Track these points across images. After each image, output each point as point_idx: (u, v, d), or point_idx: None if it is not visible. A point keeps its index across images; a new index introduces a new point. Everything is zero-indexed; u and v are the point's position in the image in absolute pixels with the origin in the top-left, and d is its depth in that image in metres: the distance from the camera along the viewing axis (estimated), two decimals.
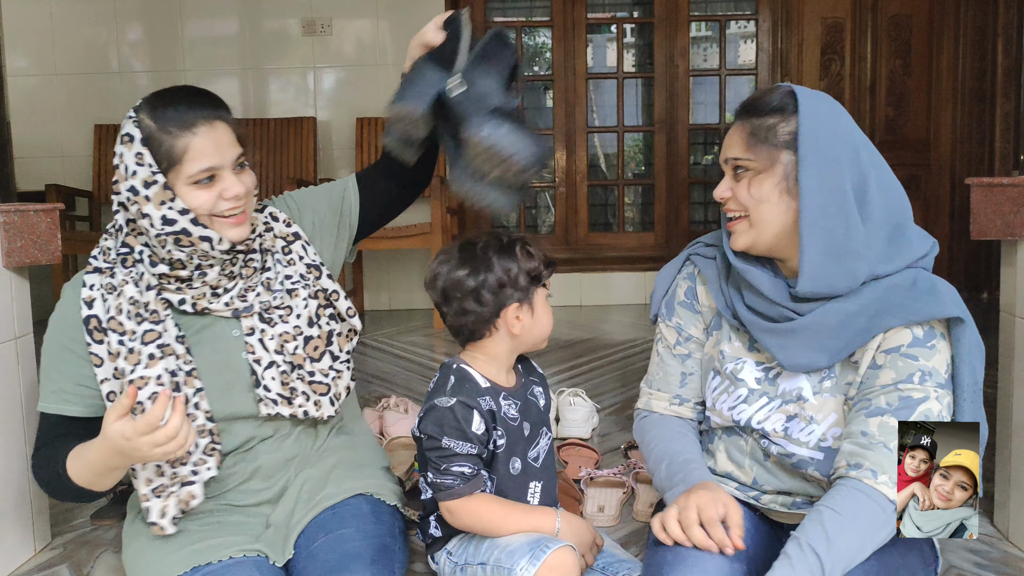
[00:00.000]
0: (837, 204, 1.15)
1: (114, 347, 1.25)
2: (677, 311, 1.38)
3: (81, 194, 4.37)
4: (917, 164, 4.75)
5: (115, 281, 1.28)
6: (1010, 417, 1.60)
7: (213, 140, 1.23)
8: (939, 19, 4.65)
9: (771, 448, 1.25)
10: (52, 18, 4.52)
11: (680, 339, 1.37)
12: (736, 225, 1.24)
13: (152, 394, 1.25)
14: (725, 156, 1.25)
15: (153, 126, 1.22)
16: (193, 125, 1.22)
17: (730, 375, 1.29)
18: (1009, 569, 1.51)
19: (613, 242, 5.00)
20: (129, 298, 1.27)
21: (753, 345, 1.29)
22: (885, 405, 1.13)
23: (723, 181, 1.26)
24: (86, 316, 1.26)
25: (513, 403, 1.37)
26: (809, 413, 1.21)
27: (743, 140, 1.21)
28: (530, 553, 1.22)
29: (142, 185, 1.22)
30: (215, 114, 1.24)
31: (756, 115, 1.21)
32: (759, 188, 1.20)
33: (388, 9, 4.54)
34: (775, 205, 1.19)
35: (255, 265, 1.35)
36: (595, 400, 2.57)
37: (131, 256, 1.29)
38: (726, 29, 4.93)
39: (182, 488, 1.26)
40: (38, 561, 1.64)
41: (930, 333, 1.15)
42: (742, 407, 1.27)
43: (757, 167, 1.20)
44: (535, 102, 5.41)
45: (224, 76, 4.59)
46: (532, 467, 1.39)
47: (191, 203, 1.23)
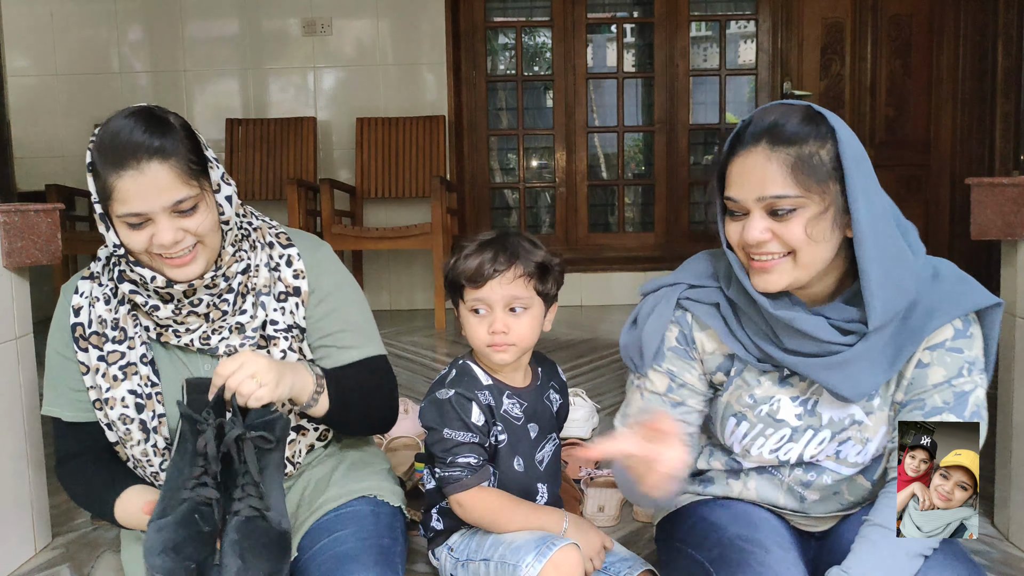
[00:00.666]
0: (884, 224, 1.08)
1: (93, 361, 1.26)
2: (668, 357, 1.23)
3: (81, 194, 4.36)
4: (917, 164, 4.75)
5: (97, 292, 1.28)
6: (1010, 417, 1.60)
7: (139, 184, 1.13)
8: (939, 19, 4.65)
9: (823, 478, 1.22)
10: (52, 18, 4.52)
11: (673, 385, 1.23)
12: (775, 264, 1.09)
13: (121, 415, 1.26)
14: (759, 194, 1.07)
15: (96, 154, 1.16)
16: (121, 166, 1.13)
17: (766, 418, 1.20)
18: (1009, 569, 1.51)
19: (613, 242, 5.00)
20: (98, 316, 1.27)
21: (785, 380, 1.20)
22: (942, 404, 1.12)
23: (754, 221, 1.08)
24: (73, 324, 1.27)
25: (518, 403, 1.37)
26: (866, 435, 1.19)
27: (787, 174, 1.05)
28: (536, 550, 1.22)
29: (96, 205, 1.20)
30: (150, 153, 1.13)
31: (791, 143, 1.06)
32: (818, 228, 1.06)
33: (388, 9, 4.54)
34: (828, 242, 1.08)
35: (225, 308, 1.28)
36: (595, 400, 2.57)
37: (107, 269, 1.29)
38: (726, 29, 4.93)
39: None
40: (38, 561, 1.64)
41: (967, 322, 1.14)
42: (788, 446, 1.20)
43: (810, 204, 1.06)
44: (535, 102, 5.41)
45: (224, 76, 4.60)
46: (536, 469, 1.40)
47: (124, 240, 1.19)
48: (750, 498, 1.27)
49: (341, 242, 3.87)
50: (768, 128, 1.08)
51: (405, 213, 4.57)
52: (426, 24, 4.55)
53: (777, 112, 1.10)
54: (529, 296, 1.32)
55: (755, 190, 1.08)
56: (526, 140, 5.11)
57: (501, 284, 1.30)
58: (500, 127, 5.21)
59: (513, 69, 5.17)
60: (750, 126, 1.11)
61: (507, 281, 1.30)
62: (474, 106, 4.88)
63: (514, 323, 1.31)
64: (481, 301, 1.32)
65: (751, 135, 1.09)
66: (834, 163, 1.07)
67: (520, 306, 1.31)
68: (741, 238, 1.11)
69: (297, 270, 1.34)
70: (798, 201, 1.06)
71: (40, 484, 1.69)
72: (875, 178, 1.10)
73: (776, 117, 1.09)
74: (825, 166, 1.06)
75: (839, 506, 1.25)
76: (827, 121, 1.08)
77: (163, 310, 1.24)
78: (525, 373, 1.42)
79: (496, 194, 5.17)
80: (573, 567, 1.23)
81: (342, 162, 4.58)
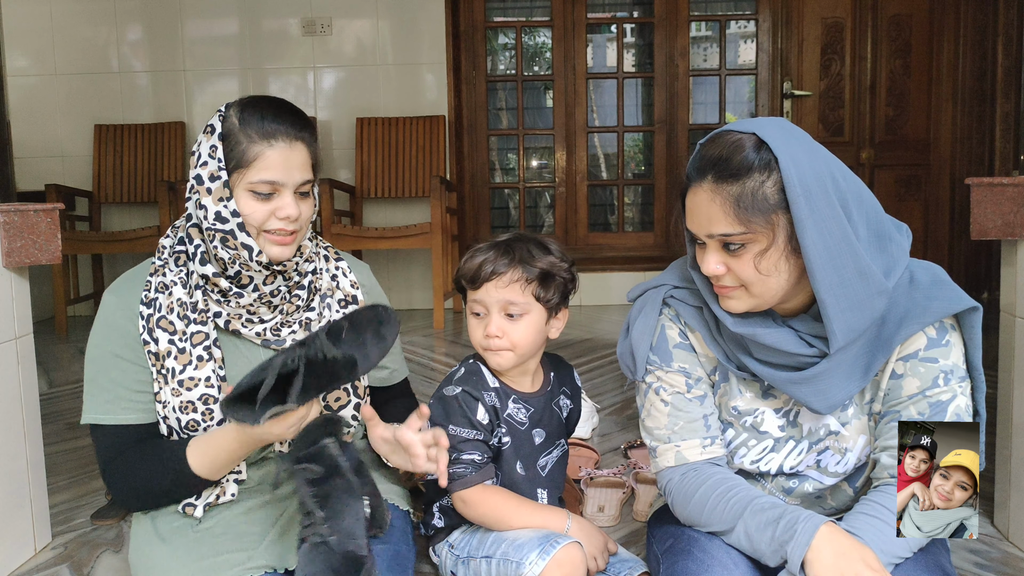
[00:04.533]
0: (842, 248, 1.04)
1: (164, 346, 1.26)
2: (676, 355, 1.23)
3: (81, 194, 4.37)
4: (917, 164, 4.75)
5: (166, 280, 1.30)
6: (1010, 417, 1.60)
7: (285, 158, 1.24)
8: (939, 19, 4.65)
9: (804, 486, 1.22)
10: (52, 18, 4.52)
11: (690, 381, 1.22)
12: (732, 291, 1.11)
13: (202, 395, 1.27)
14: (708, 231, 1.08)
15: (236, 125, 1.24)
16: (273, 137, 1.23)
17: (751, 428, 1.22)
18: (1009, 569, 1.51)
19: (613, 242, 5.00)
20: (177, 299, 1.28)
21: (767, 392, 1.21)
22: (917, 415, 1.11)
23: (709, 255, 1.09)
24: (147, 315, 1.28)
25: (523, 408, 1.37)
26: (843, 445, 1.19)
27: (729, 212, 1.05)
28: (539, 547, 1.22)
29: (208, 177, 1.24)
30: (298, 135, 1.25)
31: (733, 178, 1.05)
32: (767, 262, 1.06)
33: (388, 9, 4.54)
34: (781, 273, 1.08)
35: (299, 303, 1.35)
36: (595, 400, 2.57)
37: (184, 254, 1.30)
38: (726, 29, 4.93)
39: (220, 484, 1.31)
40: (38, 561, 1.64)
41: (942, 330, 1.12)
42: (770, 456, 1.21)
43: (757, 239, 1.06)
44: (535, 102, 5.41)
45: (224, 76, 4.60)
46: (538, 475, 1.40)
47: (243, 210, 1.24)
48: None
49: (340, 242, 3.87)
50: (713, 163, 1.07)
51: (404, 213, 4.57)
52: (426, 24, 4.55)
53: (722, 144, 1.08)
54: (526, 302, 1.31)
55: (704, 227, 1.09)
56: (526, 140, 5.11)
57: (496, 287, 1.30)
58: (500, 127, 5.21)
59: (513, 69, 5.17)
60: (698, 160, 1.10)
61: (502, 285, 1.30)
62: (474, 106, 4.88)
63: (510, 328, 1.31)
64: (478, 303, 1.32)
65: (697, 169, 1.09)
66: (781, 194, 1.04)
67: (516, 311, 1.31)
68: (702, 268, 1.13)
69: (352, 281, 1.45)
70: (745, 237, 1.06)
71: (40, 484, 1.69)
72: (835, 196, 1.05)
73: (720, 151, 1.07)
74: (769, 200, 1.04)
75: (821, 510, 1.25)
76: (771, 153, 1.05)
77: (246, 297, 1.30)
78: (534, 378, 1.41)
79: (496, 194, 5.17)
80: (576, 566, 1.23)
81: (342, 162, 4.59)
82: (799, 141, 1.07)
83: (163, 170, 4.47)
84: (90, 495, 1.97)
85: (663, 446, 1.23)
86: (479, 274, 1.30)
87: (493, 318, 1.31)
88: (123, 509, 1.82)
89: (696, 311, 1.21)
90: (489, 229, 4.98)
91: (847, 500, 1.24)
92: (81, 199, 4.43)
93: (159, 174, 4.45)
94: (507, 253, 1.31)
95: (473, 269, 1.30)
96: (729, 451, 1.24)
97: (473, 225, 4.91)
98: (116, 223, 4.56)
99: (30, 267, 1.64)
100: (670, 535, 1.23)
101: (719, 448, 1.23)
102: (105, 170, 4.47)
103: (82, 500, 1.94)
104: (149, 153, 4.49)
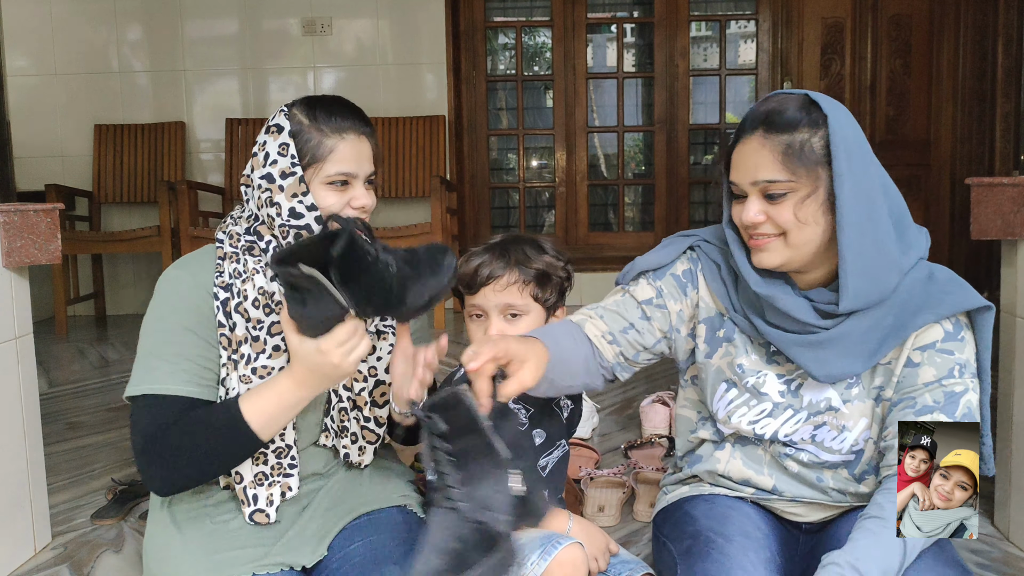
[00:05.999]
0: (873, 216, 1.12)
1: (240, 333, 1.25)
2: (667, 279, 1.29)
3: (81, 194, 4.37)
4: (917, 164, 4.75)
5: (242, 268, 1.28)
6: (1010, 417, 1.60)
7: (357, 150, 1.28)
8: (939, 19, 4.65)
9: (800, 455, 1.24)
10: (52, 18, 4.52)
11: (654, 302, 1.27)
12: (768, 243, 1.16)
13: None
14: (753, 178, 1.14)
15: (306, 122, 1.27)
16: (345, 131, 1.27)
17: (752, 389, 1.24)
18: (1009, 569, 1.51)
19: (613, 242, 5.00)
20: (259, 287, 1.27)
21: (772, 357, 1.25)
22: (932, 403, 1.14)
23: (750, 204, 1.15)
24: (223, 299, 1.26)
25: (523, 408, 1.37)
26: (841, 422, 1.21)
27: (777, 160, 1.12)
28: (541, 548, 1.22)
29: (279, 175, 1.25)
30: (365, 130, 1.30)
31: (783, 130, 1.12)
32: (805, 210, 1.12)
33: (388, 9, 4.54)
34: (818, 224, 1.13)
35: None
36: (595, 400, 2.57)
37: (257, 245, 1.30)
38: (726, 29, 4.93)
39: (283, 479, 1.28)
40: (38, 561, 1.64)
41: (958, 325, 1.17)
42: (766, 421, 1.24)
43: (799, 188, 1.12)
44: (535, 102, 5.41)
45: (224, 76, 4.60)
46: (538, 475, 1.39)
47: (321, 202, 1.26)
48: (736, 471, 1.29)
49: None
50: (764, 116, 1.14)
51: (405, 213, 4.57)
52: (426, 24, 4.55)
53: (775, 101, 1.16)
54: (525, 304, 1.32)
55: (750, 175, 1.14)
56: (526, 140, 5.11)
57: (495, 291, 1.30)
58: (500, 127, 5.21)
59: (513, 69, 5.17)
60: (750, 115, 1.17)
61: (500, 288, 1.30)
62: (474, 106, 4.88)
63: (510, 330, 1.31)
64: (477, 307, 1.32)
65: (750, 123, 1.16)
66: (826, 150, 1.11)
67: (516, 313, 1.31)
68: (741, 219, 1.17)
69: None
70: (788, 185, 1.12)
71: (40, 484, 1.69)
72: (872, 170, 1.13)
73: (773, 105, 1.15)
74: (815, 152, 1.11)
75: (822, 495, 1.26)
76: (820, 109, 1.13)
77: None
78: None
79: (496, 194, 5.17)
80: (577, 566, 1.23)
81: None
82: (845, 112, 1.15)
83: (163, 170, 4.47)
84: (90, 495, 1.97)
85: (585, 309, 1.30)
86: (476, 279, 1.30)
87: (493, 321, 1.31)
88: (122, 509, 1.83)
89: (715, 267, 1.27)
90: (489, 229, 4.98)
91: (848, 488, 1.24)
92: (81, 199, 4.42)
93: (159, 174, 4.45)
94: (503, 256, 1.31)
95: (470, 274, 1.30)
96: (727, 411, 1.26)
97: (473, 225, 4.91)
98: (116, 223, 4.56)
99: (30, 267, 1.64)
100: (688, 536, 1.23)
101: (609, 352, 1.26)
102: (105, 170, 4.47)
103: (82, 500, 1.94)
104: (149, 153, 4.49)
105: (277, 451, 1.28)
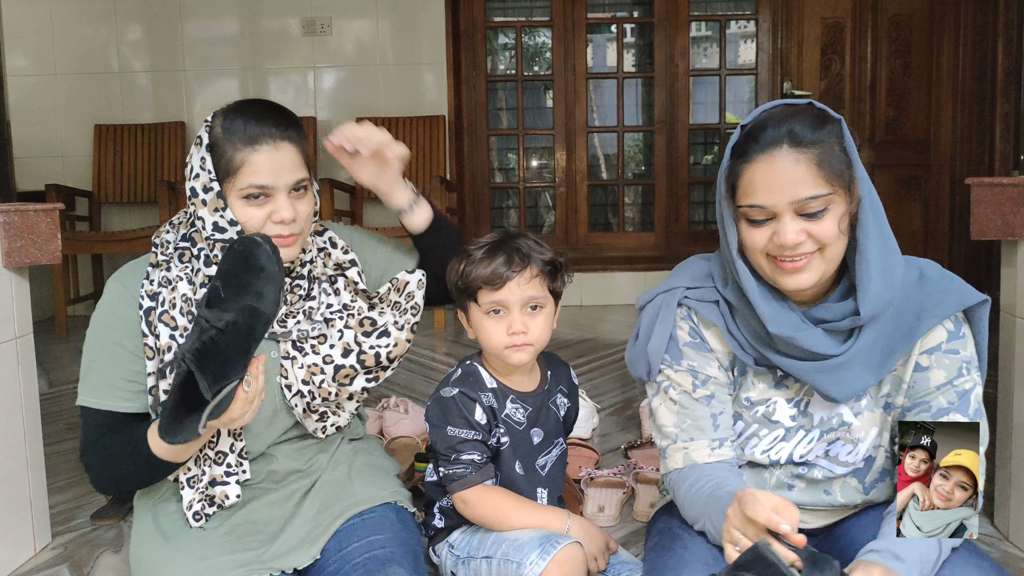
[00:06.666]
0: (879, 209, 1.12)
1: (164, 341, 1.26)
2: (686, 354, 1.23)
3: (81, 194, 4.37)
4: (917, 164, 4.75)
5: (171, 275, 1.29)
6: (1010, 417, 1.60)
7: (273, 160, 1.23)
8: (939, 19, 4.64)
9: (813, 472, 1.23)
10: (52, 18, 4.52)
11: (697, 382, 1.23)
12: (807, 263, 1.10)
13: None
14: (792, 197, 1.07)
15: (220, 135, 1.24)
16: (256, 141, 1.22)
17: (761, 419, 1.23)
18: (1009, 569, 1.51)
19: (613, 242, 5.00)
20: (182, 295, 1.27)
21: (780, 383, 1.23)
22: (947, 404, 1.15)
23: (787, 224, 1.08)
24: (147, 308, 1.26)
25: (521, 407, 1.37)
26: (855, 436, 1.21)
27: (815, 173, 1.06)
28: (540, 547, 1.22)
29: (201, 189, 1.24)
30: (282, 135, 1.24)
31: (813, 142, 1.08)
32: (844, 220, 1.10)
33: (388, 9, 4.54)
34: (845, 232, 1.11)
35: (300, 293, 1.35)
36: (595, 400, 2.57)
37: (189, 251, 1.30)
38: (726, 29, 4.93)
39: (216, 487, 1.30)
40: (38, 561, 1.64)
41: (958, 322, 1.17)
42: (780, 446, 1.23)
43: (837, 199, 1.08)
44: (535, 102, 5.41)
45: (224, 76, 4.60)
46: (537, 474, 1.40)
47: (240, 217, 1.24)
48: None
49: None
50: (788, 132, 1.08)
51: None
52: (426, 24, 4.55)
53: (788, 114, 1.10)
54: (544, 295, 1.34)
55: (787, 194, 1.07)
56: (526, 140, 5.11)
57: (519, 285, 1.31)
58: (500, 127, 5.21)
59: (513, 69, 5.17)
60: (764, 131, 1.09)
61: (524, 281, 1.31)
62: (474, 106, 4.88)
63: (531, 322, 1.32)
64: (499, 303, 1.32)
65: (770, 140, 1.08)
66: (844, 154, 1.10)
67: (536, 305, 1.33)
68: (770, 242, 1.10)
69: (343, 246, 1.42)
70: (829, 199, 1.08)
71: (40, 484, 1.69)
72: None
73: (793, 120, 1.09)
74: (841, 160, 1.09)
75: (829, 504, 1.26)
76: (832, 116, 1.11)
77: None
78: (532, 376, 1.42)
79: (496, 194, 5.16)
80: (577, 566, 1.23)
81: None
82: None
83: (163, 170, 4.47)
84: (90, 495, 1.96)
85: (672, 446, 1.24)
86: (500, 275, 1.30)
87: (515, 315, 1.32)
88: (122, 509, 1.83)
89: (712, 306, 1.22)
90: (489, 229, 4.98)
91: (855, 496, 1.24)
92: (81, 199, 4.42)
93: (159, 174, 4.45)
94: (518, 251, 1.32)
95: (490, 272, 1.31)
96: (739, 444, 1.24)
97: (473, 225, 4.91)
98: (116, 223, 4.56)
99: (30, 267, 1.64)
100: (657, 532, 1.26)
101: (728, 451, 1.22)
102: (105, 170, 4.47)
103: (82, 500, 1.94)
104: (149, 153, 4.49)
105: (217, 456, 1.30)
